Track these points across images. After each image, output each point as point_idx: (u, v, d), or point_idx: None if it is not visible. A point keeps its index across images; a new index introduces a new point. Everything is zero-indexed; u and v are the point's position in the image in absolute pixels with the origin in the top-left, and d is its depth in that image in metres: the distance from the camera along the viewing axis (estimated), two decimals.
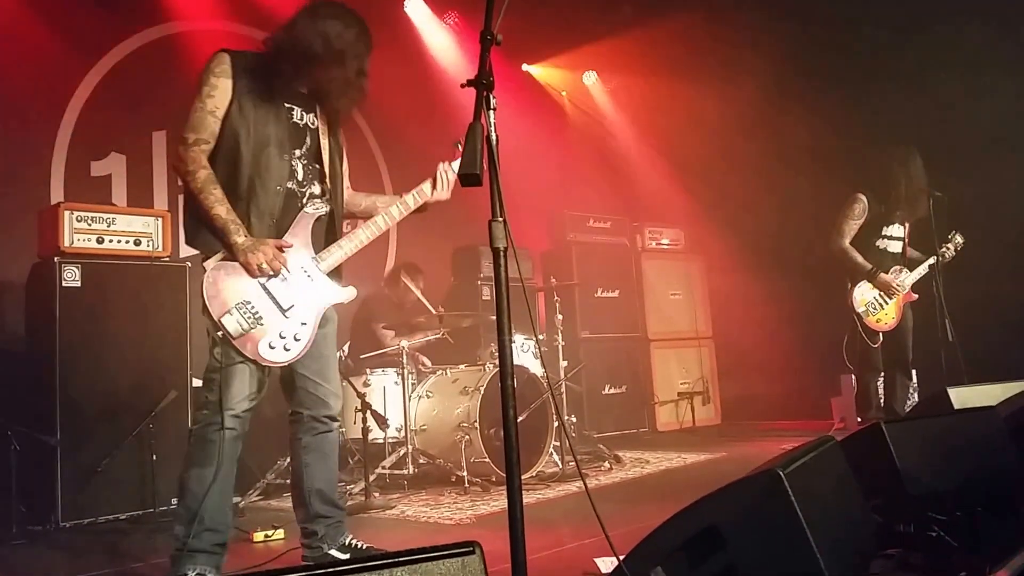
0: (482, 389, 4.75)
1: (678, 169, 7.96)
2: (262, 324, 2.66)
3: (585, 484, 2.32)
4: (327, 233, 2.94)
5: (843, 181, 5.28)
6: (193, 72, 6.18)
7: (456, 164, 3.06)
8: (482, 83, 1.98)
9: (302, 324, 2.74)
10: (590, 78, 8.81)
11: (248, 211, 2.73)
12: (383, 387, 5.04)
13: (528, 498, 4.24)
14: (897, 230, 5.07)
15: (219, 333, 2.61)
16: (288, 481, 4.46)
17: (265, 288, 2.70)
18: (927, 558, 2.46)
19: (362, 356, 5.26)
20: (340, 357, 5.26)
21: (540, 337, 5.71)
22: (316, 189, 2.90)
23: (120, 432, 4.16)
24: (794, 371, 7.21)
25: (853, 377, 5.55)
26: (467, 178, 1.90)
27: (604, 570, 2.65)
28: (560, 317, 5.45)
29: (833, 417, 6.72)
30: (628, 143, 8.60)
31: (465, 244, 6.56)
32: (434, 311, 5.43)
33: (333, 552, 2.92)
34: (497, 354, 1.94)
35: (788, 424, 7.05)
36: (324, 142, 2.93)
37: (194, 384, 4.60)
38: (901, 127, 5.84)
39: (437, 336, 5.36)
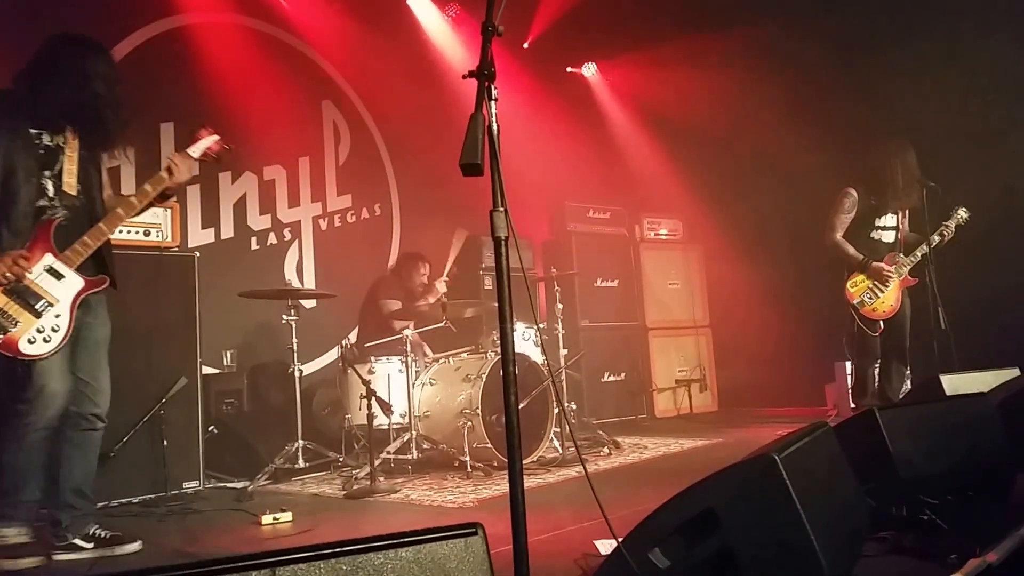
0: (484, 376, 4.80)
1: (676, 160, 7.98)
2: (18, 325, 2.96)
3: (585, 469, 2.35)
4: (82, 235, 3.19)
5: (839, 172, 5.32)
6: (201, 64, 6.19)
7: (194, 149, 3.41)
8: (483, 74, 2.00)
9: (56, 316, 3.05)
10: (589, 69, 8.82)
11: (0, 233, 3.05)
12: (387, 374, 5.09)
13: (529, 482, 4.29)
14: (890, 220, 5.10)
15: None
16: (295, 465, 4.56)
17: (13, 294, 2.98)
18: (919, 540, 2.51)
19: (367, 344, 5.32)
20: (347, 345, 5.33)
21: (541, 326, 5.76)
22: (64, 200, 3.17)
23: (132, 418, 4.22)
24: (789, 359, 7.25)
25: (847, 364, 5.59)
26: (468, 168, 1.90)
27: (603, 552, 2.68)
28: (560, 306, 5.50)
29: (827, 404, 6.79)
30: (627, 134, 8.61)
31: (467, 234, 6.59)
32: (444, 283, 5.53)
33: (77, 541, 3.18)
34: (499, 342, 1.99)
35: (783, 410, 7.09)
36: (73, 156, 3.21)
37: (203, 371, 4.68)
38: (897, 119, 5.87)
39: (440, 325, 5.42)
